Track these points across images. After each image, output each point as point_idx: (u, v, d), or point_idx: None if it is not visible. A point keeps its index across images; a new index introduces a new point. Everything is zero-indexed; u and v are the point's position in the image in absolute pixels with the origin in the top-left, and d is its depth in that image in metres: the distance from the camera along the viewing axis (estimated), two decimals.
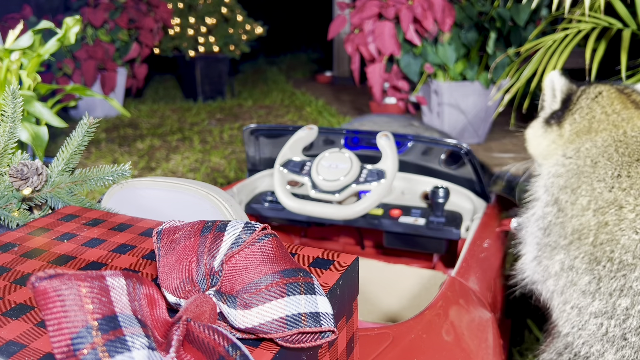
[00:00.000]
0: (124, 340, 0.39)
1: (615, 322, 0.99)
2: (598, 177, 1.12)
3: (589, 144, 1.20)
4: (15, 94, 0.85)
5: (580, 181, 1.15)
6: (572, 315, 1.06)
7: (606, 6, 2.13)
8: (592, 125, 1.22)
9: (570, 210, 1.13)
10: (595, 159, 1.16)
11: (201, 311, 0.51)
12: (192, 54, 5.71)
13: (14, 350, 0.50)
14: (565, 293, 1.09)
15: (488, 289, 1.33)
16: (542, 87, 1.40)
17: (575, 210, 1.12)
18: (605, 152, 1.15)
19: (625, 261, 1.00)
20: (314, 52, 9.17)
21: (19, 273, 0.67)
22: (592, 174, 1.13)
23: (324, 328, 0.54)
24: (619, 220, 1.04)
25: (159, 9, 5.32)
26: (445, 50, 3.72)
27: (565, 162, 1.22)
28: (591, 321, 1.02)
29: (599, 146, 1.17)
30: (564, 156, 1.23)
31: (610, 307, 1.00)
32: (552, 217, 1.18)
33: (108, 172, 0.96)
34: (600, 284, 1.02)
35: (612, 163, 1.13)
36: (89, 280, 0.40)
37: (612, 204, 1.07)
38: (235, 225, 0.58)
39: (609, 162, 1.13)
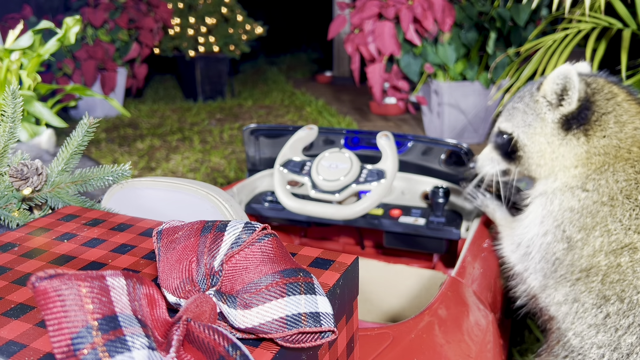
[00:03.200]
0: (124, 340, 0.39)
1: (618, 356, 1.00)
2: (614, 218, 1.08)
3: (610, 177, 1.11)
4: (15, 94, 0.85)
5: (595, 221, 1.09)
6: (574, 341, 1.06)
7: (606, 6, 2.13)
8: (621, 144, 1.13)
9: (581, 250, 1.10)
10: (614, 196, 1.09)
11: (201, 311, 0.51)
12: (192, 54, 5.71)
13: (14, 350, 0.50)
14: (568, 321, 1.08)
15: (488, 289, 1.33)
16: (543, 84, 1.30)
17: (586, 251, 1.09)
18: (625, 189, 1.09)
19: (636, 301, 1.00)
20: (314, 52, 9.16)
21: (19, 273, 0.67)
22: (608, 215, 1.08)
23: (324, 328, 0.54)
24: (633, 263, 1.03)
25: (159, 9, 5.32)
26: (445, 50, 3.71)
27: (582, 197, 1.13)
28: (593, 350, 1.03)
29: (620, 180, 1.10)
30: (582, 189, 1.14)
31: (615, 341, 1.01)
32: (561, 253, 1.13)
33: (108, 172, 0.96)
34: (608, 320, 1.02)
35: (631, 202, 1.08)
36: (89, 280, 0.40)
37: (627, 246, 1.04)
38: (235, 225, 0.58)
39: (627, 200, 1.08)
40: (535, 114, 1.23)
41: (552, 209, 1.19)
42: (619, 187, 1.10)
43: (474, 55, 3.81)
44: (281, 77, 7.37)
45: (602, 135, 1.15)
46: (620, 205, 1.08)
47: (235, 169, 3.57)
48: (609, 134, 1.14)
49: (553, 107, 1.20)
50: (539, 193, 1.26)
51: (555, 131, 1.20)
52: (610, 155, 1.14)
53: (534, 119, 1.23)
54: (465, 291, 1.21)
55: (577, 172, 1.17)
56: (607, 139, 1.14)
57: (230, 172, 3.51)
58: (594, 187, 1.13)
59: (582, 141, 1.17)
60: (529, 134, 1.24)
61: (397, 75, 3.96)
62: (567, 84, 1.15)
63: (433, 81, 3.92)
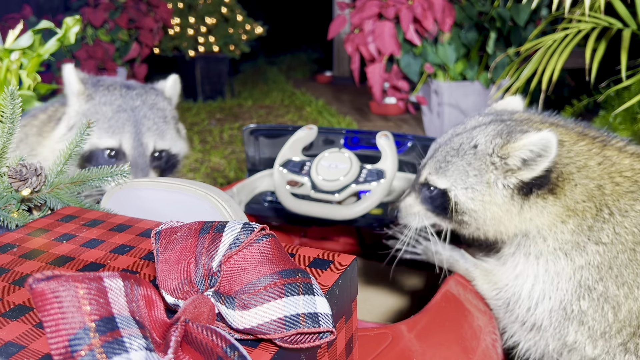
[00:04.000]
0: (121, 342, 0.39)
1: None
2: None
3: (622, 221, 0.99)
4: (14, 95, 0.85)
5: (622, 270, 0.99)
6: None
7: (606, 6, 2.13)
8: (601, 183, 1.01)
9: (630, 304, 0.99)
10: (637, 241, 0.99)
11: (199, 312, 0.51)
12: (192, 53, 5.71)
13: (13, 352, 0.50)
14: None
15: None
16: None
17: (637, 306, 0.99)
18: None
19: None
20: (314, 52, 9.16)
21: (18, 274, 0.67)
22: (633, 259, 0.98)
23: (323, 328, 0.54)
24: None
25: (159, 8, 5.32)
26: (445, 50, 3.71)
27: (600, 250, 0.99)
28: None
29: (632, 216, 0.99)
30: (594, 242, 1.00)
31: None
32: (592, 310, 1.00)
33: (107, 173, 0.96)
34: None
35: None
36: (87, 281, 0.40)
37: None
38: (234, 225, 0.58)
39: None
40: (479, 177, 1.04)
41: (562, 271, 1.02)
42: (634, 225, 0.98)
43: (474, 55, 3.81)
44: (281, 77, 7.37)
45: (573, 185, 1.02)
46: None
47: (235, 169, 3.57)
48: (580, 182, 1.02)
49: (509, 172, 1.02)
50: (523, 255, 1.09)
51: (509, 198, 1.03)
52: (597, 198, 1.01)
53: (478, 182, 1.04)
54: (465, 291, 1.21)
55: (573, 227, 1.02)
56: (581, 187, 1.02)
57: (230, 172, 3.51)
58: (609, 239, 0.99)
59: (551, 200, 1.02)
60: (474, 199, 1.05)
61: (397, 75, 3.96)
62: (543, 153, 0.98)
63: (433, 81, 3.92)
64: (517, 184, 1.01)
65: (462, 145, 1.08)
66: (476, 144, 1.05)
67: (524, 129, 1.03)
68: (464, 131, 1.11)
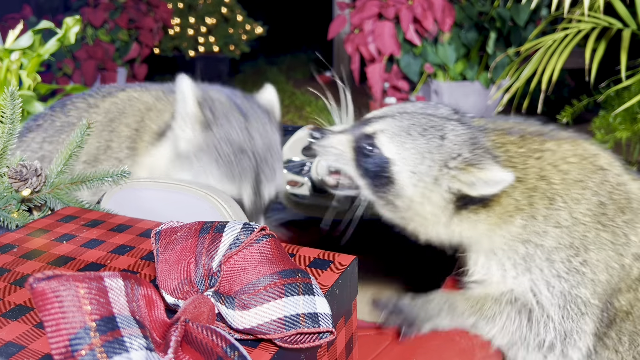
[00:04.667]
0: (122, 341, 0.39)
1: None
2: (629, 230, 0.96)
3: (574, 206, 0.95)
4: (14, 96, 0.85)
5: (594, 247, 0.96)
6: None
7: (606, 6, 2.13)
8: (542, 173, 0.97)
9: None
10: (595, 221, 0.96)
11: (199, 312, 0.51)
12: (192, 54, 5.71)
13: (13, 352, 0.50)
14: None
15: None
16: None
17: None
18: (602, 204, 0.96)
19: None
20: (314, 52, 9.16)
21: (18, 274, 0.67)
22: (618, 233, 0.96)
23: (322, 329, 0.54)
24: None
25: (159, 9, 5.32)
26: (445, 50, 3.72)
27: (566, 232, 0.95)
28: None
29: (584, 203, 0.96)
30: (557, 226, 0.95)
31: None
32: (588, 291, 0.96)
33: (107, 173, 0.96)
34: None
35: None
36: (87, 281, 0.40)
37: None
38: (234, 226, 0.58)
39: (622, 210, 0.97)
40: (431, 168, 0.95)
41: (530, 255, 0.96)
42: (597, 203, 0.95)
43: (474, 55, 3.81)
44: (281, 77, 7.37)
45: (508, 193, 0.96)
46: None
47: None
48: (517, 185, 0.96)
49: (455, 179, 0.95)
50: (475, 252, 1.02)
51: (444, 204, 0.96)
52: (545, 190, 0.96)
53: (428, 173, 0.95)
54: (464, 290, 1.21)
55: (522, 221, 0.95)
56: (519, 188, 0.96)
57: None
58: (569, 222, 0.95)
59: (484, 213, 0.96)
60: (417, 187, 0.96)
61: (397, 75, 3.96)
62: (494, 187, 0.93)
63: (433, 81, 3.92)
64: (457, 192, 0.95)
65: (431, 129, 0.98)
66: (443, 136, 0.97)
67: (492, 154, 0.97)
68: (435, 116, 1.01)
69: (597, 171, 0.99)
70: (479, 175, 0.93)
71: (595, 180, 0.98)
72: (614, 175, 1.00)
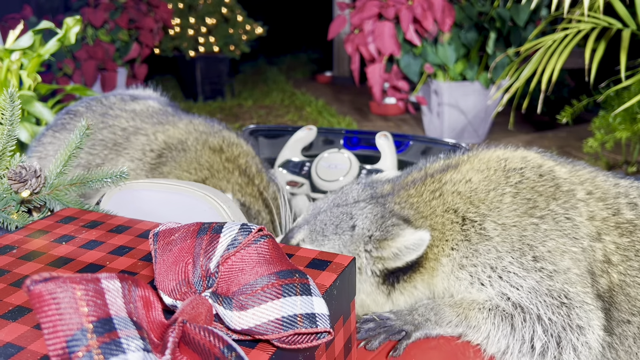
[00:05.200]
0: (119, 343, 0.39)
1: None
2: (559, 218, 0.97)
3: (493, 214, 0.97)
4: (13, 97, 0.85)
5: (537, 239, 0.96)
6: None
7: (605, 6, 2.13)
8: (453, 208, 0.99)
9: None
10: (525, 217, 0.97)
11: (197, 313, 0.51)
12: (192, 54, 5.71)
13: (12, 353, 0.50)
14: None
15: None
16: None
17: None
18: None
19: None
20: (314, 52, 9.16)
21: (17, 275, 0.67)
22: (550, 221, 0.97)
23: (320, 329, 0.54)
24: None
25: (159, 9, 5.32)
26: (445, 50, 3.72)
27: (498, 240, 0.96)
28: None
29: (505, 206, 0.97)
30: (489, 239, 0.96)
31: None
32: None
33: (107, 174, 0.97)
34: None
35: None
36: (84, 283, 0.41)
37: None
38: (231, 226, 0.58)
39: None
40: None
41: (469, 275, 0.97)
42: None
43: (473, 55, 3.81)
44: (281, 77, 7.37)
45: (431, 250, 0.98)
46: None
47: None
48: (434, 238, 0.98)
49: (378, 259, 0.98)
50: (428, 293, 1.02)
51: (375, 287, 0.99)
52: (455, 222, 0.98)
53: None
54: None
55: (457, 256, 0.98)
56: (434, 235, 0.98)
57: None
58: (497, 231, 0.96)
59: (419, 277, 0.99)
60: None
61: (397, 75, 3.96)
62: (414, 249, 0.96)
63: (433, 81, 3.92)
64: (383, 270, 0.98)
65: (342, 223, 1.03)
66: (354, 225, 1.02)
67: (403, 217, 1.00)
68: (345, 204, 1.06)
69: (510, 174, 1.01)
70: (394, 245, 0.96)
71: (512, 181, 0.99)
72: (531, 170, 1.01)
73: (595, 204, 1.00)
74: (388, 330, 0.96)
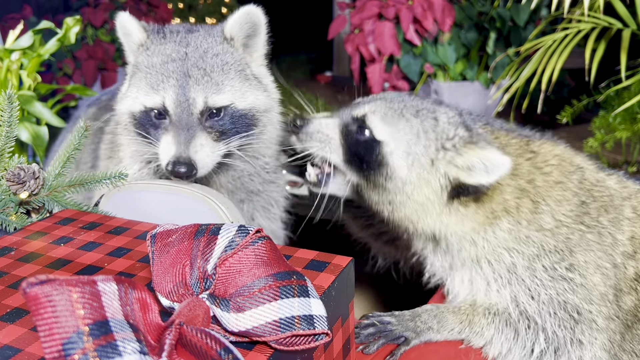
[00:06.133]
0: (115, 345, 0.39)
1: None
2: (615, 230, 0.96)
3: (556, 207, 0.93)
4: (11, 99, 0.85)
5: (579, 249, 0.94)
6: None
7: (606, 6, 2.13)
8: (533, 175, 0.94)
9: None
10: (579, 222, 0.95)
11: (194, 315, 0.51)
12: None
13: (9, 355, 0.50)
14: None
15: None
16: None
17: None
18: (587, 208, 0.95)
19: None
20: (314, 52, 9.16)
21: (15, 277, 0.67)
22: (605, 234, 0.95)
23: (318, 330, 0.54)
24: None
25: (159, 9, 5.32)
26: (445, 50, 3.71)
27: (548, 235, 0.93)
28: None
29: (565, 205, 0.94)
30: (539, 229, 0.93)
31: None
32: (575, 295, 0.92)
33: (105, 175, 0.97)
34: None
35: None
36: (80, 285, 0.41)
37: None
38: (229, 228, 0.58)
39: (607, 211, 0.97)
40: (427, 149, 0.91)
41: (513, 265, 0.92)
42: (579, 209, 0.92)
43: (474, 55, 3.81)
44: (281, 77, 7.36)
45: (500, 190, 0.92)
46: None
47: None
48: (509, 183, 0.93)
49: (451, 165, 0.91)
50: (460, 265, 0.98)
51: (439, 190, 0.91)
52: (531, 192, 0.93)
53: (424, 154, 0.91)
54: None
55: (508, 225, 0.92)
56: (510, 188, 0.93)
57: None
58: (551, 225, 0.92)
59: (473, 208, 0.92)
60: (412, 167, 0.91)
61: (397, 75, 3.96)
62: (491, 173, 0.88)
63: (433, 81, 3.92)
64: (453, 180, 0.90)
65: (423, 110, 0.94)
66: (437, 118, 0.94)
67: (487, 137, 0.94)
68: (422, 100, 0.98)
69: (575, 171, 0.97)
70: (476, 155, 0.88)
71: (574, 180, 0.96)
72: (591, 173, 0.99)
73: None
74: (387, 336, 0.94)
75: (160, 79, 1.08)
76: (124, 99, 1.14)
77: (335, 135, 0.98)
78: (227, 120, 1.12)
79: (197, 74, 1.09)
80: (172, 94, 1.07)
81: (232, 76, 1.15)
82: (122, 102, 1.15)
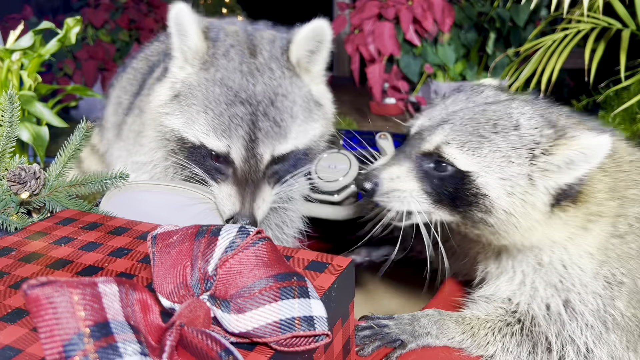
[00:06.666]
0: (115, 347, 0.39)
1: None
2: None
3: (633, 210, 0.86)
4: (12, 99, 0.85)
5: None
6: None
7: (605, 6, 2.13)
8: (618, 178, 0.87)
9: None
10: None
11: (195, 316, 0.51)
12: None
13: (10, 355, 0.51)
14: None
15: None
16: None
17: None
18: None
19: None
20: None
21: (16, 277, 0.67)
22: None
23: (318, 331, 0.54)
24: None
25: (160, 9, 5.32)
26: (445, 50, 3.72)
27: (617, 242, 0.86)
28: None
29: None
30: (615, 235, 0.85)
31: None
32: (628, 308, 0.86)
33: (106, 176, 0.97)
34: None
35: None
36: (81, 287, 0.41)
37: None
38: (229, 229, 0.58)
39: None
40: (521, 168, 0.80)
41: (584, 271, 0.85)
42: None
43: (473, 55, 3.81)
44: None
45: (594, 187, 0.85)
46: None
47: None
48: (601, 180, 0.86)
49: (546, 172, 0.81)
50: (532, 268, 0.90)
51: (546, 205, 0.82)
52: (616, 193, 0.85)
53: (520, 175, 0.80)
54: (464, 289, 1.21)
55: (598, 230, 0.85)
56: (602, 185, 0.86)
57: None
58: (624, 230, 0.84)
59: (572, 211, 0.83)
60: (514, 195, 0.81)
61: (397, 75, 3.96)
62: (590, 159, 0.79)
63: (433, 81, 3.92)
64: (555, 188, 0.81)
65: (500, 121, 0.81)
66: (518, 125, 0.81)
67: (572, 125, 0.83)
68: (492, 104, 0.85)
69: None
70: (573, 145, 0.78)
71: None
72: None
73: None
74: (383, 338, 0.91)
75: (226, 124, 0.96)
76: (170, 116, 1.00)
77: (413, 184, 0.86)
78: (288, 164, 1.05)
79: (267, 126, 0.98)
80: (240, 147, 0.97)
81: (298, 118, 1.05)
82: (165, 116, 1.00)
